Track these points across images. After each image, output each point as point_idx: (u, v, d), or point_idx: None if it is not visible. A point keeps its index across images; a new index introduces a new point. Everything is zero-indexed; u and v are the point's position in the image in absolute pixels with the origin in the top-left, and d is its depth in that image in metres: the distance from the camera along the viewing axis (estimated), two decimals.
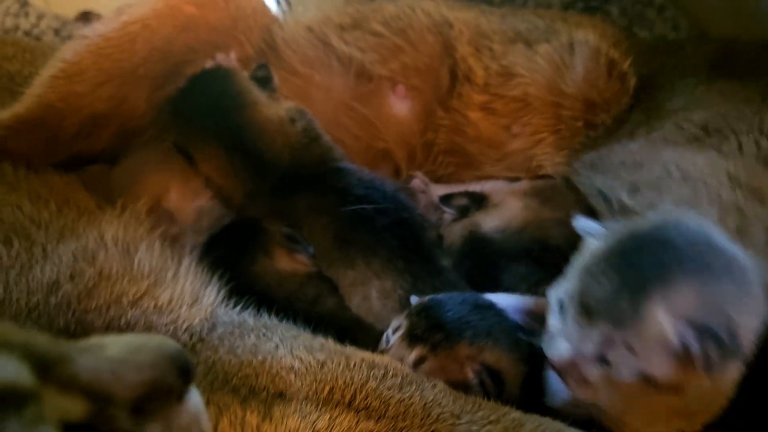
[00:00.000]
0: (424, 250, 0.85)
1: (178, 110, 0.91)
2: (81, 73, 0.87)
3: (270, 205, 0.87)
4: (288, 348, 0.63)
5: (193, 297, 0.70)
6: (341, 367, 0.60)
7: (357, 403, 0.58)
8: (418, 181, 0.96)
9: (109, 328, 0.63)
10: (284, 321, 0.71)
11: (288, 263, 0.84)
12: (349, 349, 0.66)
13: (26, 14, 1.34)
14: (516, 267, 0.82)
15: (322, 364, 0.60)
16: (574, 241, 0.71)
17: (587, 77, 0.92)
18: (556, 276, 0.66)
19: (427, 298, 0.73)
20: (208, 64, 0.92)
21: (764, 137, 0.75)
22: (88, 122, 0.88)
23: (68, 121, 0.87)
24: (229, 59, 0.95)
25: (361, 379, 0.59)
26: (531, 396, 0.67)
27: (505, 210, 0.87)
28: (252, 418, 0.55)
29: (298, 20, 1.06)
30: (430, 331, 0.68)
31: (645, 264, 0.55)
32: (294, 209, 0.86)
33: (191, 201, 0.88)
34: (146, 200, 0.81)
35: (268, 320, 0.70)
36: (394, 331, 0.72)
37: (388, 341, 0.72)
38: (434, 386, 0.62)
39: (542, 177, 0.95)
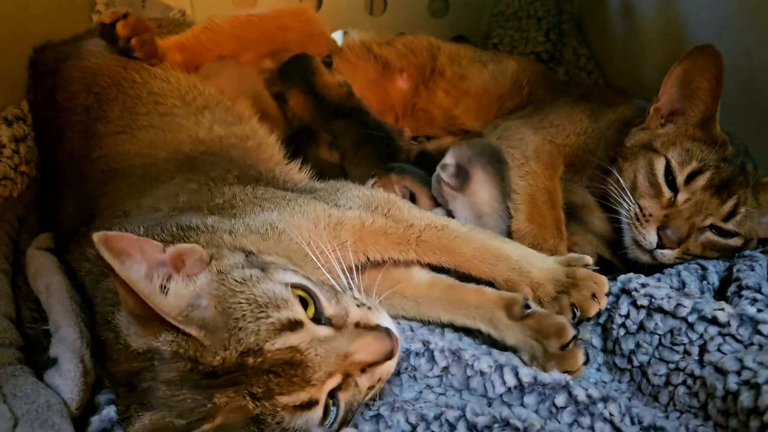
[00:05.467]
0: (396, 160, 1.54)
1: (283, 72, 1.63)
2: (222, 32, 1.47)
3: (323, 124, 1.58)
4: None
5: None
6: None
7: None
8: (407, 129, 1.69)
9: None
10: None
11: (327, 154, 1.58)
12: None
13: (185, 20, 2.03)
14: None
15: None
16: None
17: (501, 85, 1.62)
18: None
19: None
20: None
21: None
22: (217, 57, 1.50)
23: (207, 54, 1.46)
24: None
25: None
26: None
27: (441, 141, 1.56)
28: None
29: (357, 37, 1.79)
30: (384, 170, 1.40)
31: None
32: (335, 127, 1.57)
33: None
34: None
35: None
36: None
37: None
38: None
39: (465, 132, 1.62)
